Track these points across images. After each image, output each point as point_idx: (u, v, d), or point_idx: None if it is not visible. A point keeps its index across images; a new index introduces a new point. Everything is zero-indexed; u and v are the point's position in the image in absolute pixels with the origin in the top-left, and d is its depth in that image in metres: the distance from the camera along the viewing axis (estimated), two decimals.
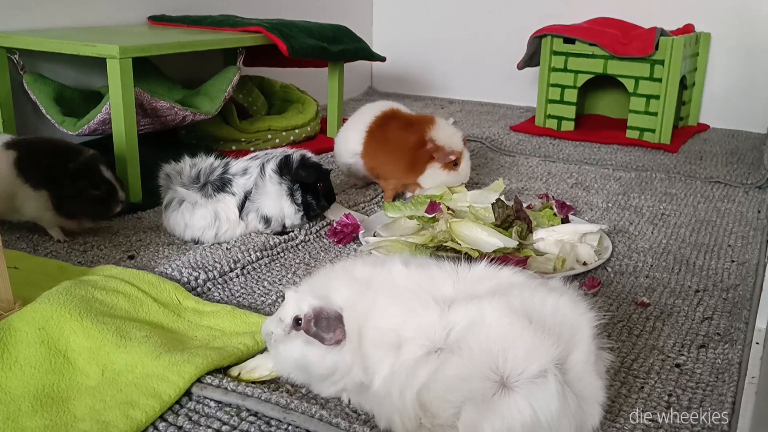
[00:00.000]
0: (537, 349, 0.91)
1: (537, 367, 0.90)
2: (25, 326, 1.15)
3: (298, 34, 2.42)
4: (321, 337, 1.02)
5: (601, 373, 0.98)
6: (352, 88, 3.75)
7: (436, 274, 1.04)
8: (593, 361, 0.96)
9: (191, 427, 1.02)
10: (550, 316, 0.95)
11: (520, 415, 0.89)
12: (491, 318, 0.93)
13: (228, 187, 1.68)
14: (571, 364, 0.94)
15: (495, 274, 1.04)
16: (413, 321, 0.97)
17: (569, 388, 0.92)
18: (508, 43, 3.52)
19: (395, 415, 0.96)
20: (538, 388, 0.89)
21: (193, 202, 1.67)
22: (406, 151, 1.97)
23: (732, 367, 1.20)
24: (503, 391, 0.90)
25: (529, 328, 0.92)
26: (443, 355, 0.94)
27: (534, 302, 0.97)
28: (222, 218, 1.67)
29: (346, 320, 1.02)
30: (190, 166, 1.70)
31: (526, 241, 1.66)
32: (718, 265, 1.65)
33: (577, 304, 1.00)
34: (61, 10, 2.27)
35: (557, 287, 1.02)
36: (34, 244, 1.67)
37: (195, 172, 1.69)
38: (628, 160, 2.57)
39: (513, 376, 0.90)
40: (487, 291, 0.99)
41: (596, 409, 0.96)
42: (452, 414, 0.92)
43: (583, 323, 0.97)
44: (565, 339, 0.94)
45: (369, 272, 1.06)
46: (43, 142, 1.71)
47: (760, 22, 3.08)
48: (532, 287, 1.00)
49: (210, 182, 1.68)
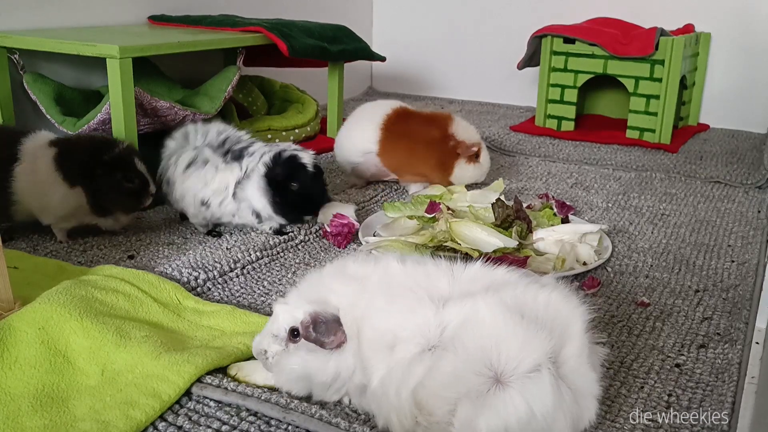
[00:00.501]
0: (530, 344, 0.91)
1: (530, 362, 0.90)
2: (25, 326, 1.15)
3: (298, 33, 2.42)
4: (321, 342, 1.01)
5: (595, 367, 0.99)
6: (352, 88, 3.75)
7: (432, 271, 1.04)
8: (587, 354, 0.97)
9: (191, 426, 1.02)
10: (542, 311, 0.96)
11: (516, 410, 0.89)
12: (484, 314, 0.94)
13: (240, 160, 1.69)
14: (564, 357, 0.94)
15: (490, 273, 1.04)
16: (410, 321, 0.97)
17: (563, 382, 0.92)
18: (508, 43, 3.52)
19: (392, 414, 0.96)
20: (533, 382, 0.90)
21: (216, 164, 1.68)
22: (435, 148, 2.01)
23: (732, 367, 1.20)
24: (498, 386, 0.90)
25: (522, 323, 0.93)
26: (437, 353, 0.94)
27: (526, 298, 0.97)
28: (229, 189, 1.68)
29: (344, 321, 1.02)
30: (218, 132, 1.73)
31: (526, 241, 1.66)
32: (718, 265, 1.65)
33: (569, 299, 1.00)
34: (61, 9, 2.27)
35: (549, 283, 1.03)
36: (33, 244, 1.67)
37: (222, 138, 1.72)
38: (628, 160, 2.57)
39: (507, 372, 0.90)
40: (481, 289, 0.99)
41: (592, 402, 0.97)
42: (448, 411, 0.92)
43: (575, 317, 0.98)
44: (557, 333, 0.94)
45: (363, 270, 1.06)
46: (83, 139, 1.73)
47: (761, 22, 3.08)
48: (524, 284, 1.00)
49: (231, 150, 1.70)
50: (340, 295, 1.03)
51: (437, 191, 1.94)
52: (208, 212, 1.72)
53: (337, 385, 1.04)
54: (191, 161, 1.71)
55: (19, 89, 2.10)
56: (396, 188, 2.18)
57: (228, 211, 1.71)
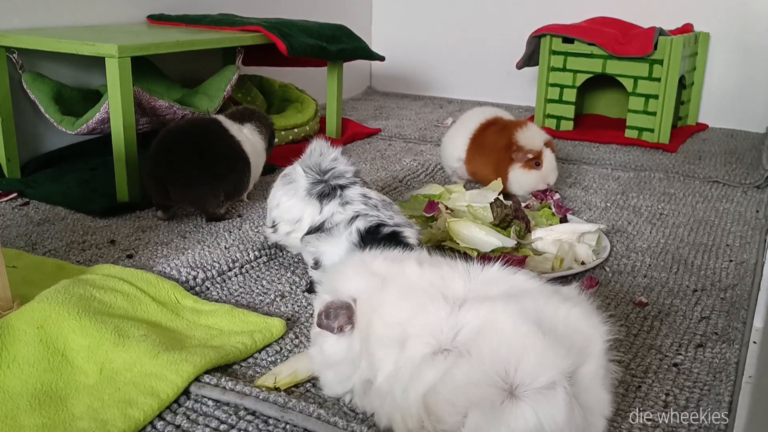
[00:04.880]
0: (548, 360, 0.89)
1: (547, 378, 0.88)
2: (24, 325, 1.15)
3: (297, 33, 2.42)
4: (330, 327, 1.03)
5: (608, 387, 0.97)
6: (351, 88, 3.75)
7: (447, 273, 1.03)
8: (603, 374, 0.95)
9: (189, 425, 1.02)
10: (562, 326, 0.94)
11: (526, 424, 0.87)
12: (504, 323, 0.92)
13: (325, 201, 1.43)
14: (580, 376, 0.92)
15: (508, 278, 1.02)
16: (420, 318, 0.96)
17: (576, 400, 0.90)
18: (506, 42, 3.52)
19: (397, 413, 0.96)
20: (546, 399, 0.87)
21: (297, 190, 1.47)
22: (496, 155, 2.03)
23: (729, 366, 1.20)
24: (511, 399, 0.88)
25: (541, 336, 0.90)
26: (451, 358, 0.92)
27: (547, 311, 0.95)
28: (303, 225, 1.45)
29: (358, 309, 1.03)
30: (333, 159, 1.48)
31: (525, 240, 1.67)
32: (716, 264, 1.65)
33: (591, 316, 0.98)
34: (60, 9, 2.27)
35: (572, 296, 1.00)
36: (32, 243, 1.67)
37: (329, 166, 1.46)
38: (627, 160, 2.57)
39: (522, 385, 0.88)
40: (499, 294, 0.97)
41: (601, 421, 0.95)
42: (457, 420, 0.91)
43: (596, 337, 0.95)
44: (576, 351, 0.92)
45: (386, 268, 1.06)
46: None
47: (759, 22, 3.08)
48: (547, 295, 0.98)
49: (326, 183, 1.45)
50: (360, 289, 1.04)
51: (436, 190, 1.95)
52: (274, 235, 1.52)
53: (341, 369, 1.04)
54: (287, 173, 1.51)
55: (17, 88, 2.10)
56: (396, 188, 2.18)
57: (293, 244, 1.51)
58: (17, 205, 1.92)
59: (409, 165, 2.40)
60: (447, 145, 2.23)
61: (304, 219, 1.45)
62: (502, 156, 2.01)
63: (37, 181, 2.07)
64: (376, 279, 1.04)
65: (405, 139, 2.86)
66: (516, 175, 2.00)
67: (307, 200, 1.44)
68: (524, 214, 1.71)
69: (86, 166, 2.20)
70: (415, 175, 2.30)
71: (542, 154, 1.98)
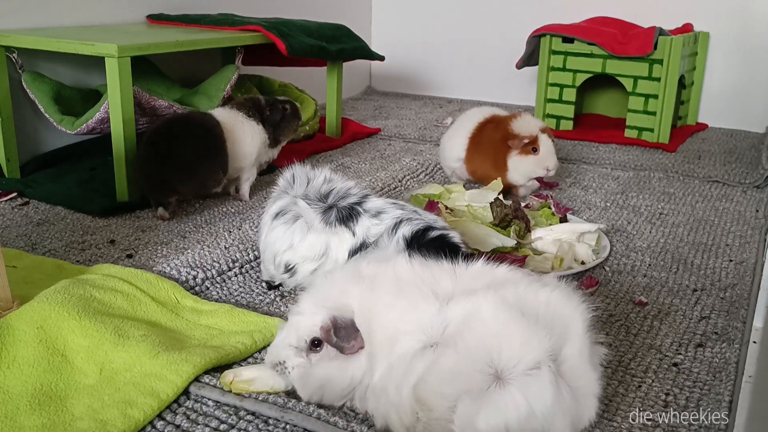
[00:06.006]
0: (530, 342, 0.92)
1: (531, 360, 0.90)
2: (24, 325, 1.15)
3: (296, 33, 2.42)
4: (342, 347, 1.00)
5: (595, 366, 0.99)
6: (350, 88, 3.75)
7: (435, 270, 1.05)
8: (587, 353, 0.97)
9: (189, 425, 1.02)
10: (542, 309, 0.96)
11: (515, 407, 0.89)
12: (486, 312, 0.94)
13: (351, 223, 1.36)
14: (564, 356, 0.95)
15: (491, 271, 1.05)
16: (413, 315, 0.98)
17: (563, 380, 0.92)
18: (506, 42, 3.52)
19: (392, 411, 0.96)
20: (533, 380, 0.90)
21: (310, 223, 1.38)
22: (492, 149, 2.04)
23: (729, 366, 1.20)
24: (498, 384, 0.90)
25: (522, 321, 0.93)
26: (439, 349, 0.94)
27: (527, 296, 0.98)
28: (331, 256, 1.37)
29: (358, 324, 1.01)
30: (324, 180, 1.41)
31: (524, 240, 1.67)
32: (715, 264, 1.65)
33: (570, 297, 1.00)
34: (60, 8, 2.27)
35: (550, 282, 1.03)
36: (32, 243, 1.67)
37: (327, 188, 1.40)
38: (627, 160, 2.57)
39: (507, 369, 0.91)
40: (483, 287, 0.99)
41: (592, 401, 0.97)
42: (448, 407, 0.92)
43: (575, 316, 0.98)
44: (557, 331, 0.94)
45: (374, 269, 1.06)
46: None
47: (759, 22, 3.08)
48: (526, 282, 1.01)
49: (337, 207, 1.38)
50: (353, 297, 1.02)
51: (435, 190, 1.95)
52: (291, 279, 1.42)
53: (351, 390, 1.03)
54: (281, 210, 1.42)
55: (17, 88, 2.09)
56: (396, 188, 2.18)
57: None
58: (17, 205, 1.92)
59: (408, 165, 2.40)
60: (446, 145, 2.24)
61: (332, 249, 1.37)
62: (500, 147, 2.02)
63: (36, 181, 2.07)
64: (367, 282, 1.04)
65: (404, 139, 2.86)
66: (514, 162, 2.01)
67: (328, 230, 1.37)
68: (524, 213, 1.71)
69: (86, 166, 2.20)
70: (414, 175, 2.30)
71: (538, 139, 2.00)
